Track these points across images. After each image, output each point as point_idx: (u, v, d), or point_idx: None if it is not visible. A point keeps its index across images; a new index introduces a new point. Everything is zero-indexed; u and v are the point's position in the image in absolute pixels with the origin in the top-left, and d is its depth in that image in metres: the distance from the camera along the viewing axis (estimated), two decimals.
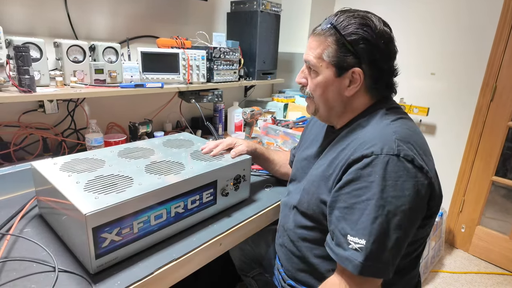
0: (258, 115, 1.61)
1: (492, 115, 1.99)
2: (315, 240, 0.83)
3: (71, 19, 1.34)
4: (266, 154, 1.14)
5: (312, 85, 0.80)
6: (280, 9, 1.91)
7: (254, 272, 1.20)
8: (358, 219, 0.65)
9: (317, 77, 0.79)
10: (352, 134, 0.78)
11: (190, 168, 0.88)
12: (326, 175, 0.78)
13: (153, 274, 0.70)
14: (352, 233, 0.65)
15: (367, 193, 0.65)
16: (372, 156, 0.66)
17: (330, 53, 0.74)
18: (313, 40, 0.78)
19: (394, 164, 0.65)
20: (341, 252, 0.67)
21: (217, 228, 0.89)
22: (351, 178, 0.68)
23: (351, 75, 0.75)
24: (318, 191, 0.79)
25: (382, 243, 0.64)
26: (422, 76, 2.17)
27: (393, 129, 0.71)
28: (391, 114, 0.76)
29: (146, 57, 1.38)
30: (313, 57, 0.77)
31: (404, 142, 0.68)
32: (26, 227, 0.84)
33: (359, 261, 0.63)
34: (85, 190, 0.72)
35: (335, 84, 0.77)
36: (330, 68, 0.76)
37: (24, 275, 0.67)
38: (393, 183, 0.64)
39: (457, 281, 1.96)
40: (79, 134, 1.44)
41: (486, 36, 1.91)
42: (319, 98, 0.81)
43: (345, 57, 0.73)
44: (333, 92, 0.78)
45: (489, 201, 2.14)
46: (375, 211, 0.64)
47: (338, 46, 0.73)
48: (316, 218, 0.81)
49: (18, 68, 1.02)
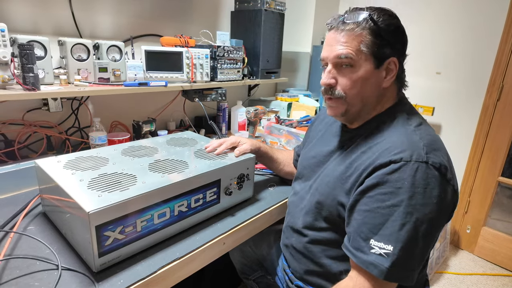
0: (262, 114, 1.61)
1: (499, 115, 1.96)
2: (328, 241, 0.81)
3: (76, 18, 1.34)
4: (270, 153, 1.13)
5: (349, 82, 0.75)
6: (284, 8, 1.90)
7: (256, 274, 1.19)
8: (382, 224, 0.65)
9: (355, 72, 0.74)
10: (374, 137, 0.76)
11: (193, 167, 0.87)
12: (343, 176, 0.76)
13: (156, 272, 0.70)
14: (377, 238, 0.65)
15: (392, 199, 0.65)
16: (400, 162, 0.66)
17: (368, 45, 0.72)
18: (342, 35, 0.73)
19: (423, 171, 0.65)
20: (364, 257, 0.66)
21: (221, 227, 0.89)
22: (376, 183, 0.67)
23: (387, 65, 0.75)
24: (335, 193, 0.78)
25: (409, 250, 0.63)
26: (427, 75, 2.15)
27: (419, 136, 0.71)
28: (413, 119, 0.76)
29: (150, 56, 1.37)
30: (351, 51, 0.72)
31: (430, 149, 0.68)
32: (29, 225, 0.84)
33: (385, 267, 0.63)
34: (89, 188, 0.71)
35: (374, 76, 0.75)
36: (369, 60, 0.73)
37: (28, 272, 0.66)
38: (422, 191, 0.64)
39: (462, 283, 1.94)
40: (83, 133, 1.44)
41: (493, 34, 1.88)
42: (355, 95, 0.76)
43: (382, 48, 0.73)
44: (372, 85, 0.75)
45: (495, 202, 2.12)
46: (403, 217, 0.63)
47: (375, 37, 0.72)
48: (331, 220, 0.79)
49: (23, 66, 1.02)
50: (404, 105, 0.80)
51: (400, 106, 0.80)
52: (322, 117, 1.03)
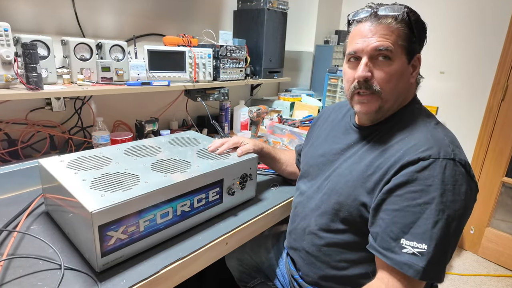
0: (265, 114, 1.60)
1: (503, 115, 1.95)
2: (346, 244, 0.79)
3: (79, 17, 1.34)
4: (272, 153, 1.12)
5: (387, 76, 0.73)
6: (287, 7, 1.90)
7: (255, 281, 1.17)
8: (413, 223, 0.64)
9: (392, 65, 0.72)
10: (394, 135, 0.75)
11: (196, 167, 0.87)
12: (364, 175, 0.74)
13: (159, 272, 0.70)
14: (408, 237, 0.64)
15: (423, 196, 0.64)
16: (429, 160, 0.65)
17: (404, 39, 0.73)
18: (381, 28, 0.72)
19: (451, 168, 0.65)
20: (396, 257, 0.64)
21: (223, 227, 0.88)
22: (405, 180, 0.66)
23: (414, 61, 0.76)
24: (356, 193, 0.75)
25: (443, 248, 0.63)
26: (431, 74, 2.14)
27: (443, 133, 0.72)
28: (430, 117, 0.77)
29: (152, 55, 1.37)
30: (390, 43, 0.71)
31: (455, 146, 0.69)
32: (33, 224, 0.84)
33: (421, 266, 0.62)
34: (92, 187, 0.71)
35: (407, 71, 0.76)
36: (404, 55, 0.74)
37: (31, 272, 0.67)
38: (452, 187, 0.64)
39: (466, 283, 1.93)
40: (86, 132, 1.44)
41: (497, 33, 1.87)
42: (392, 90, 0.74)
43: (414, 43, 0.74)
44: (404, 80, 0.76)
45: (499, 203, 2.10)
46: (435, 215, 0.63)
47: (409, 31, 0.73)
48: (351, 221, 0.77)
49: (26, 66, 1.03)
50: (419, 103, 0.81)
51: (416, 104, 0.80)
52: (326, 115, 1.02)
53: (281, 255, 1.10)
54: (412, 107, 0.79)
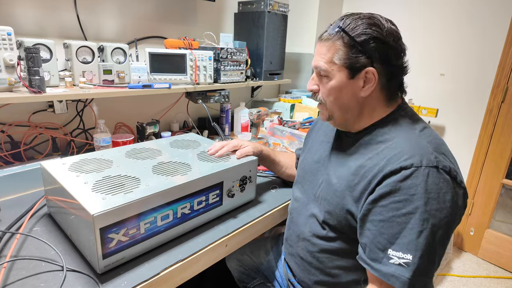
0: (265, 116, 1.61)
1: (503, 116, 1.95)
2: (337, 251, 0.80)
3: (81, 21, 1.36)
4: (272, 156, 1.13)
5: (325, 90, 0.78)
6: (287, 10, 1.90)
7: (254, 282, 1.18)
8: (399, 233, 0.64)
9: (329, 82, 0.77)
10: (379, 143, 0.75)
11: (196, 169, 0.88)
12: (351, 184, 0.75)
13: (160, 274, 0.71)
14: (394, 248, 0.64)
15: (407, 206, 0.64)
16: (412, 168, 0.65)
17: (341, 56, 0.73)
18: (322, 46, 0.77)
19: (435, 176, 0.64)
20: (383, 268, 0.65)
21: (223, 229, 0.89)
22: (388, 191, 0.66)
23: (365, 75, 0.74)
24: (344, 202, 0.76)
25: (428, 257, 0.63)
26: (431, 76, 2.15)
27: (426, 140, 0.70)
28: (416, 123, 0.76)
29: (154, 58, 1.38)
30: (323, 62, 0.76)
31: (438, 153, 0.67)
32: (35, 226, 0.85)
33: (407, 277, 0.62)
34: (93, 190, 0.72)
35: (348, 86, 0.75)
36: (343, 71, 0.74)
37: (33, 273, 0.68)
38: (436, 196, 0.63)
39: (466, 285, 1.93)
40: (88, 134, 1.45)
41: (497, 35, 1.87)
42: (333, 103, 0.79)
43: (357, 58, 0.72)
44: (347, 94, 0.76)
45: (499, 204, 2.11)
46: (420, 225, 0.63)
47: (349, 48, 0.72)
48: (341, 229, 0.78)
49: (29, 69, 1.04)
50: (404, 110, 0.79)
51: (400, 111, 0.78)
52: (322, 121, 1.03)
53: (280, 258, 1.11)
54: (395, 116, 0.78)
